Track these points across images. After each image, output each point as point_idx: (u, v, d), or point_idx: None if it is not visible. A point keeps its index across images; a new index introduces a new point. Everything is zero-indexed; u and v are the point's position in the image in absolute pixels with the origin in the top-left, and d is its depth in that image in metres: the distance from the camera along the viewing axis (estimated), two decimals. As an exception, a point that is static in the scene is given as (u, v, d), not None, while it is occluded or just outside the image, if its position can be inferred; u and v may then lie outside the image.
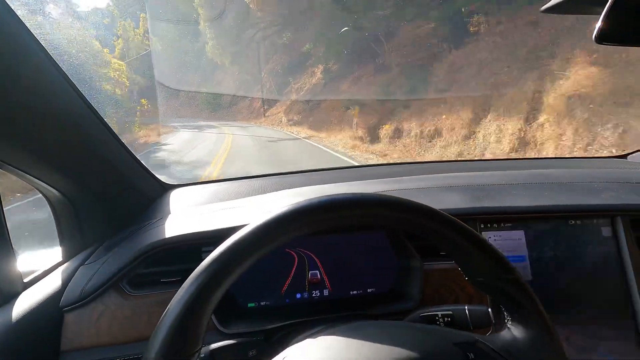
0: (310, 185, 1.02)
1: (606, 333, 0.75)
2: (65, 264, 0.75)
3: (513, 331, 0.45)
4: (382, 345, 0.41)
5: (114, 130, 0.79)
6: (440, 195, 0.84)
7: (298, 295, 0.76)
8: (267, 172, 1.23)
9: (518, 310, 0.44)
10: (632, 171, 1.03)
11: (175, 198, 1.03)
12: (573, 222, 0.79)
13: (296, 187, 1.01)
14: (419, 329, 0.47)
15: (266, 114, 21.16)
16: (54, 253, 0.78)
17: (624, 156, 1.25)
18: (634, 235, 0.77)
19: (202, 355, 0.51)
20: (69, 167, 0.70)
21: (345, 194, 0.42)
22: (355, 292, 0.77)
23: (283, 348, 0.48)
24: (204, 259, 0.38)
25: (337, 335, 0.43)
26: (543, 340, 0.43)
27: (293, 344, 0.44)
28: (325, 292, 0.76)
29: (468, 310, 0.58)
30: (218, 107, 28.54)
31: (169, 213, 0.89)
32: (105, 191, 0.80)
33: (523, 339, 0.44)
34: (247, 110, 24.60)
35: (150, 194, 0.99)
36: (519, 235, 0.79)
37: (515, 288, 0.43)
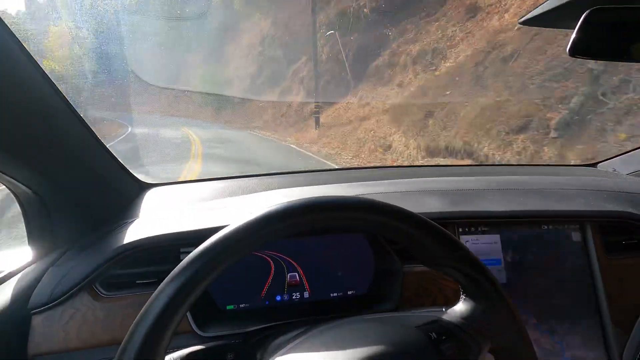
0: (292, 187, 1.02)
1: (574, 339, 0.78)
2: (34, 265, 0.71)
3: (469, 303, 0.47)
4: (346, 347, 0.42)
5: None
6: (420, 199, 0.86)
7: (278, 298, 0.75)
8: (248, 173, 1.22)
9: (471, 283, 0.46)
10: (601, 179, 1.08)
11: (154, 197, 1.00)
12: (545, 227, 0.82)
13: (278, 188, 1.00)
14: (380, 321, 0.48)
15: (321, 122, 9.15)
16: (23, 253, 0.74)
17: (594, 164, 1.31)
18: (601, 241, 0.81)
19: None
20: (39, 163, 0.67)
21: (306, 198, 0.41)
22: (335, 294, 0.77)
23: (261, 351, 0.48)
24: (183, 260, 0.38)
25: (298, 349, 0.44)
26: (497, 308, 0.46)
27: (269, 349, 0.44)
28: (306, 295, 0.76)
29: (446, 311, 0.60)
30: (224, 104, 17.26)
31: (147, 213, 0.87)
32: (79, 189, 0.77)
33: (479, 308, 0.46)
34: (275, 111, 12.71)
35: (127, 192, 0.96)
36: (494, 239, 0.81)
37: (465, 262, 0.45)
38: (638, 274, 0.81)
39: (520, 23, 0.66)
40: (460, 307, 0.48)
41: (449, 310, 0.49)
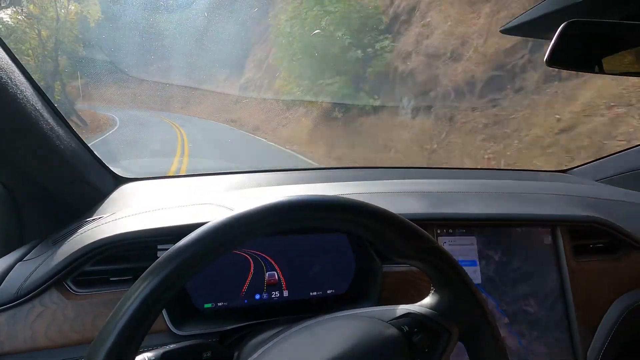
0: (275, 185, 1.01)
1: (540, 347, 0.81)
2: (0, 260, 0.68)
3: (438, 293, 0.49)
4: (321, 344, 0.42)
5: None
6: (400, 200, 0.87)
7: (257, 296, 0.75)
8: (230, 170, 1.20)
9: (437, 273, 0.48)
10: (572, 185, 1.13)
11: (131, 192, 0.97)
12: (519, 229, 0.85)
13: (261, 186, 1.00)
14: (354, 317, 0.49)
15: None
16: None
17: (566, 170, 1.37)
18: (570, 244, 0.85)
19: (154, 359, 0.49)
20: (7, 154, 0.64)
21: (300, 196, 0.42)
22: (314, 293, 0.78)
23: (238, 350, 0.47)
24: (160, 257, 0.37)
25: (274, 348, 0.44)
26: (463, 295, 0.47)
27: (246, 348, 0.44)
28: (285, 293, 0.76)
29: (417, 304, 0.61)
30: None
31: (123, 208, 0.84)
32: (50, 181, 0.74)
33: (446, 297, 0.48)
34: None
35: (102, 186, 0.93)
36: (471, 241, 0.83)
37: (430, 253, 0.46)
38: (603, 277, 0.85)
39: (501, 32, 0.68)
40: (430, 298, 0.50)
41: (420, 303, 0.50)
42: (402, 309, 0.49)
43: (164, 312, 0.64)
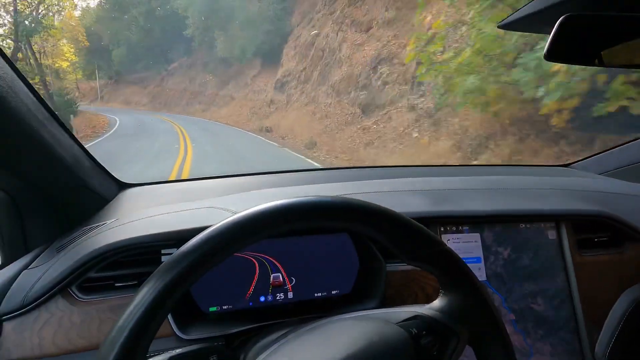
0: (278, 186, 1.01)
1: (544, 347, 0.81)
2: (5, 268, 0.69)
3: (447, 297, 0.49)
4: (328, 346, 0.42)
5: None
6: (404, 199, 0.87)
7: (262, 299, 0.75)
8: (231, 173, 1.20)
9: (447, 276, 0.48)
10: (575, 180, 1.13)
11: (133, 197, 0.98)
12: (523, 225, 0.85)
13: (263, 188, 1.00)
14: (362, 318, 0.49)
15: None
16: None
17: (568, 165, 1.36)
18: (574, 239, 0.84)
19: None
20: (9, 161, 0.64)
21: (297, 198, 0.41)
22: (319, 294, 0.78)
23: (244, 353, 0.48)
24: (164, 261, 0.37)
25: (281, 350, 0.44)
26: (473, 300, 0.47)
27: (252, 351, 0.44)
28: (290, 295, 0.76)
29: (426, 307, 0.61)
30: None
31: (126, 213, 0.85)
32: (53, 188, 0.75)
33: (456, 301, 0.48)
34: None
35: (104, 192, 0.93)
36: (475, 238, 0.83)
37: (441, 256, 0.46)
38: (609, 270, 0.85)
39: (499, 27, 0.68)
40: (439, 301, 0.49)
41: (429, 306, 0.50)
42: (411, 311, 0.49)
43: (169, 316, 0.65)
